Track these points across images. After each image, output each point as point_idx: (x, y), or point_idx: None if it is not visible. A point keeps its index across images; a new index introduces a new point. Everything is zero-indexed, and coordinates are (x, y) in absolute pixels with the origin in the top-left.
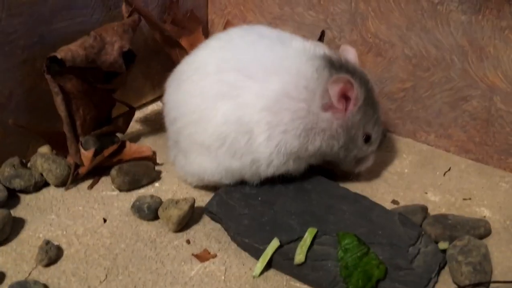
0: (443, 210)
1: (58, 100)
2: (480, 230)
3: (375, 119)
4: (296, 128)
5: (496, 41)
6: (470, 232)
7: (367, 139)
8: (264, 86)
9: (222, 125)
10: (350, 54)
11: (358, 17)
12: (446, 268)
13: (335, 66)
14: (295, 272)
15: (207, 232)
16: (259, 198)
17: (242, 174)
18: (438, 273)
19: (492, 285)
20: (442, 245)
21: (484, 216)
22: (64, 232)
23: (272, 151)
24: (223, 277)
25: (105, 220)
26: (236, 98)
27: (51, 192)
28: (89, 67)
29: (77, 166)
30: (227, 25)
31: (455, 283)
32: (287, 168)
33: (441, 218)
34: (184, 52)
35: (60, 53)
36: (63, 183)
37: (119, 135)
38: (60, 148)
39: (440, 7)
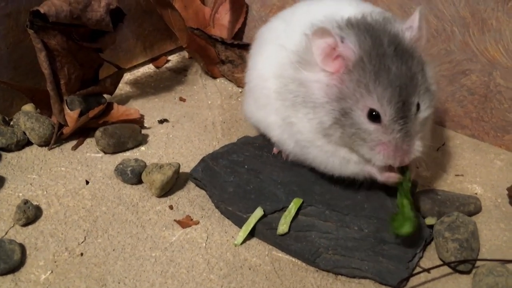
0: (434, 186)
1: (42, 57)
2: (470, 207)
3: (386, 92)
4: (283, 92)
5: (499, 13)
6: (460, 209)
7: (374, 117)
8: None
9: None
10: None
11: None
12: (433, 244)
13: (345, 25)
14: (278, 242)
15: (191, 199)
16: (246, 166)
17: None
18: (424, 249)
19: (478, 262)
20: (430, 220)
21: (476, 193)
22: (45, 192)
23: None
24: (204, 244)
25: (87, 182)
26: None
27: (33, 151)
28: (74, 24)
29: (61, 126)
30: None
31: (440, 259)
32: (296, 151)
33: (431, 194)
34: (177, 13)
35: (43, 8)
36: (46, 143)
37: (107, 96)
38: (44, 107)
39: None
